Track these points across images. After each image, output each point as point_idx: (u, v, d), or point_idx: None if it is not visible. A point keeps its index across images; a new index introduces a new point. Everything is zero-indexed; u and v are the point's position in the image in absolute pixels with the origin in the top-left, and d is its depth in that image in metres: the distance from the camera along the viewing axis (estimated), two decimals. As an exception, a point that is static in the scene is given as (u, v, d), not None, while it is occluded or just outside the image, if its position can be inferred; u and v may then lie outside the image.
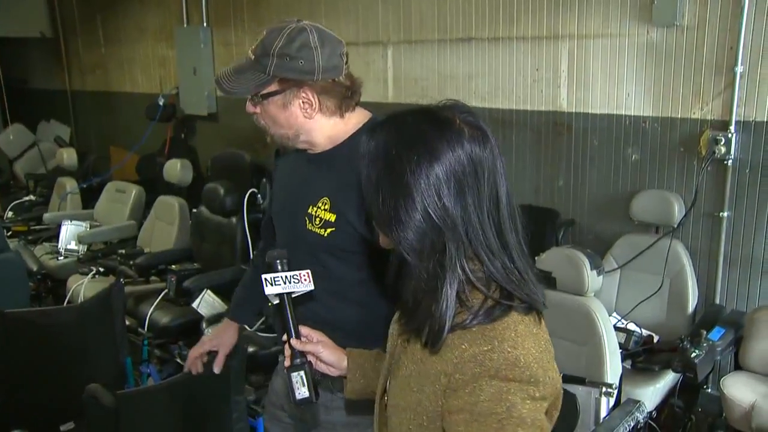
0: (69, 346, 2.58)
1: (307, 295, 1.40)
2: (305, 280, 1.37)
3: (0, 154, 6.87)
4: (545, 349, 0.98)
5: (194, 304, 3.38)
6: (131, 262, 3.84)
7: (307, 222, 1.56)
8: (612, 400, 2.28)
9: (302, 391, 1.32)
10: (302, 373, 1.32)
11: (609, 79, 3.27)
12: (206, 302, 3.38)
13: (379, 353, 1.39)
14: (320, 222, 1.54)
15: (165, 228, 4.26)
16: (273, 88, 1.47)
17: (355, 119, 1.57)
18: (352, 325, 1.44)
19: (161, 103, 5.81)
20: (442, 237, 0.95)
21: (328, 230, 1.53)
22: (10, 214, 5.34)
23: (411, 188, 0.95)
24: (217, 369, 1.81)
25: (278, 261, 1.38)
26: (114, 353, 2.70)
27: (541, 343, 0.97)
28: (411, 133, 0.98)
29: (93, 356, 2.64)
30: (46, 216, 4.90)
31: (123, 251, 4.01)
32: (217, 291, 3.35)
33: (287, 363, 1.34)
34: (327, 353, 1.35)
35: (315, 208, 1.55)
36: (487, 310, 0.96)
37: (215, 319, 3.20)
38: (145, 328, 3.32)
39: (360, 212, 1.49)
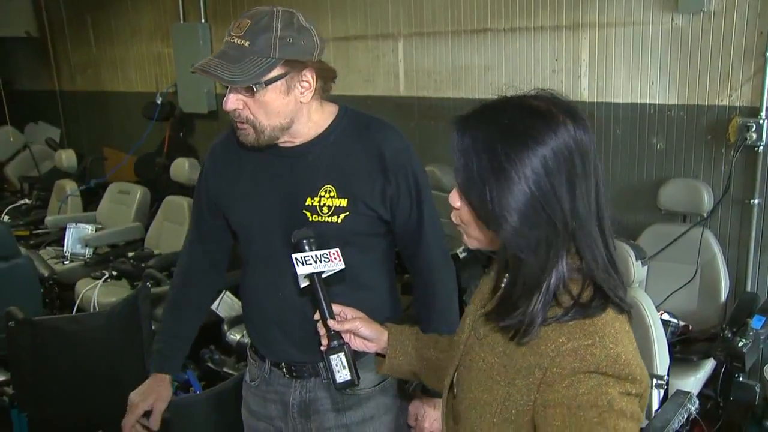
0: (98, 353, 2.49)
1: None
2: (335, 258, 1.33)
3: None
4: (637, 349, 0.96)
5: (213, 306, 3.30)
6: (143, 265, 3.74)
7: (311, 215, 1.52)
8: (662, 392, 2.24)
9: (343, 374, 1.27)
10: (342, 354, 1.27)
11: (632, 68, 3.23)
12: (225, 304, 3.28)
13: (419, 333, 1.37)
14: (330, 210, 1.51)
15: (174, 229, 4.16)
16: (278, 72, 1.41)
17: (329, 107, 1.56)
18: (365, 311, 1.38)
19: (159, 101, 5.70)
20: (551, 229, 0.92)
21: (342, 215, 1.51)
22: (6, 218, 5.20)
23: (520, 179, 0.91)
24: (155, 426, 1.67)
25: (305, 240, 1.33)
26: (142, 359, 2.61)
27: (634, 343, 0.97)
28: (511, 123, 0.94)
29: (121, 363, 2.55)
30: (49, 219, 4.78)
31: (133, 254, 3.91)
32: (235, 292, 3.27)
33: (324, 344, 1.29)
34: (365, 328, 1.31)
35: (317, 199, 1.52)
36: (582, 306, 0.93)
37: (236, 321, 3.13)
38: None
39: (372, 192, 1.51)
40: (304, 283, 1.33)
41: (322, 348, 1.29)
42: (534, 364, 0.93)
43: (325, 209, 1.51)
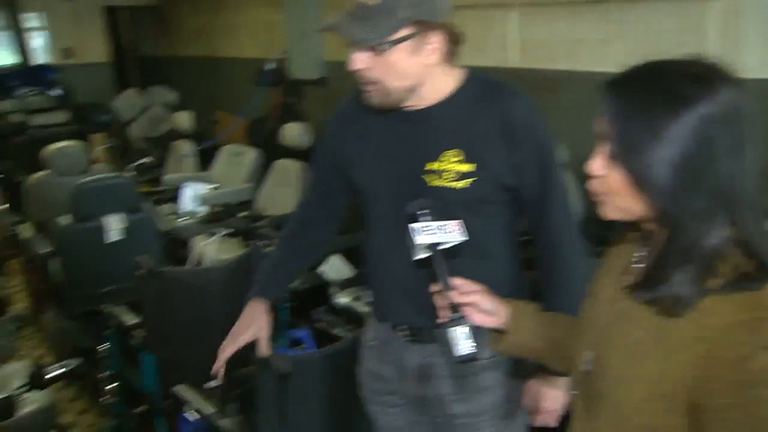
0: (215, 305, 2.62)
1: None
2: (456, 230, 1.31)
3: (115, 119, 7.12)
4: None
5: (321, 269, 3.39)
6: (256, 224, 3.88)
7: (433, 179, 1.51)
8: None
9: (463, 347, 1.24)
10: (462, 327, 1.25)
11: (769, 40, 3.02)
12: (334, 266, 3.37)
13: (540, 310, 1.35)
14: (454, 175, 1.49)
15: (284, 192, 4.29)
16: (405, 32, 1.41)
17: (456, 71, 1.53)
18: (487, 281, 1.35)
19: (270, 67, 5.84)
20: (711, 195, 0.90)
21: (469, 181, 1.49)
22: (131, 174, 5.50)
23: (681, 143, 0.89)
24: (265, 352, 1.73)
25: (423, 211, 1.32)
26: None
27: None
28: (670, 85, 0.92)
29: (236, 316, 2.68)
30: (167, 177, 5.03)
31: (247, 213, 4.06)
32: (347, 255, 3.33)
33: (444, 317, 1.27)
34: (486, 302, 1.29)
35: (439, 163, 1.50)
36: (745, 278, 0.90)
37: (345, 284, 3.20)
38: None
39: (500, 160, 1.48)
40: (421, 254, 1.31)
41: (441, 320, 1.28)
42: (696, 338, 0.90)
43: (450, 174, 1.50)
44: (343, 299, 3.01)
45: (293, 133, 4.49)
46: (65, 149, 4.21)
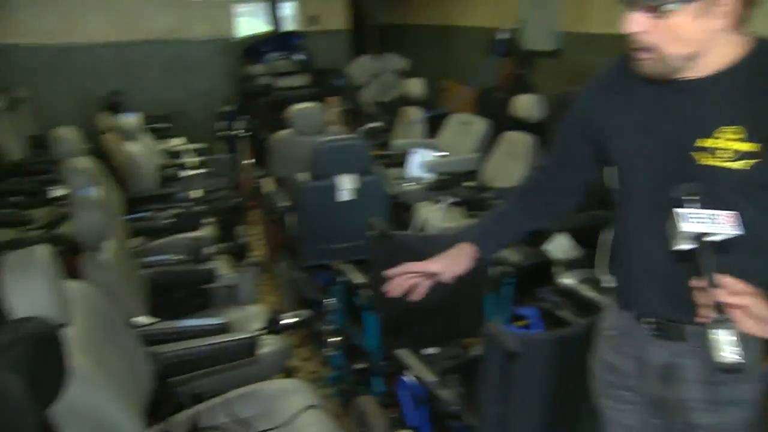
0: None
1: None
2: (730, 222, 1.17)
3: (349, 83, 7.46)
4: None
5: (546, 246, 3.26)
6: (479, 196, 3.83)
7: (704, 157, 1.32)
8: None
9: (729, 354, 1.09)
10: (729, 332, 1.09)
11: None
12: (559, 245, 3.23)
13: None
14: (731, 154, 1.30)
15: (511, 164, 4.17)
16: None
17: (743, 38, 1.34)
18: (761, 283, 1.17)
19: (503, 37, 5.70)
20: None
21: (750, 162, 1.29)
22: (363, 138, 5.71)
23: None
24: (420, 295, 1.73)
25: (691, 197, 1.19)
26: (473, 287, 2.67)
27: None
28: None
29: (457, 292, 2.65)
30: (396, 142, 5.14)
31: (472, 183, 4.02)
32: (573, 235, 3.17)
33: (705, 317, 1.13)
34: (761, 307, 1.11)
35: (713, 140, 1.32)
36: None
37: (570, 265, 3.05)
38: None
39: None
40: (684, 244, 1.18)
41: (703, 320, 1.15)
42: None
43: (726, 153, 1.32)
44: (567, 280, 2.87)
45: (524, 105, 4.33)
46: (306, 110, 4.46)
